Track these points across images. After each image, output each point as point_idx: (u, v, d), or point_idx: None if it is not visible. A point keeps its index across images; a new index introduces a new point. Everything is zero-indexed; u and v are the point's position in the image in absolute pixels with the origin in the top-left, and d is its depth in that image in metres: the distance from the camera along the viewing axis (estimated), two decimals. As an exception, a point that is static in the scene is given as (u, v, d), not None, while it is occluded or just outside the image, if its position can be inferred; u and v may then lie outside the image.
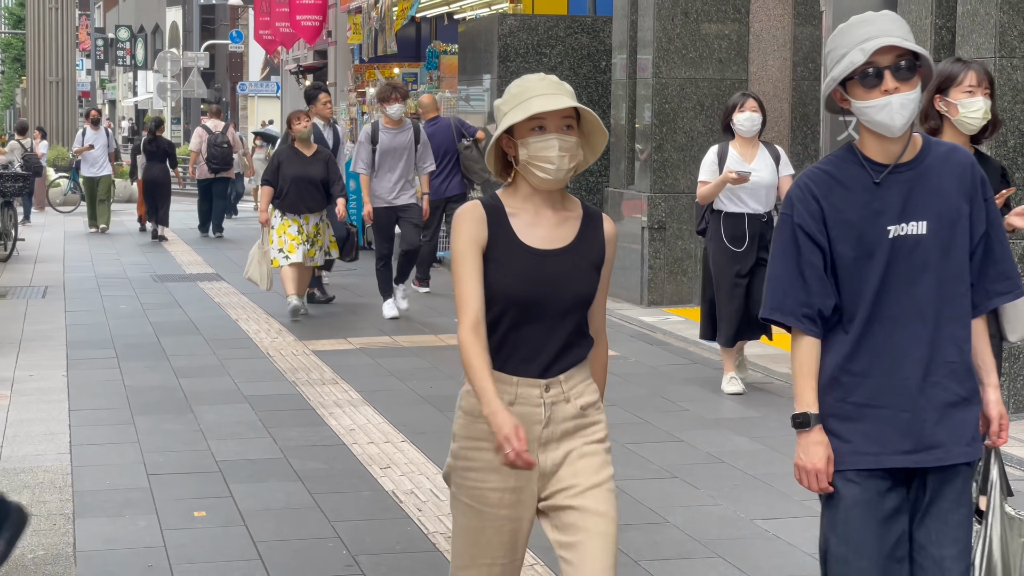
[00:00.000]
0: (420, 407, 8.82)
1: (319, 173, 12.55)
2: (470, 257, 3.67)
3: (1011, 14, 8.22)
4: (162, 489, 6.87)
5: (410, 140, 12.41)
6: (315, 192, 12.55)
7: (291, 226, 12.52)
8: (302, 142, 12.65)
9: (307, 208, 12.53)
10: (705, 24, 12.98)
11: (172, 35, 65.00)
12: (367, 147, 12.33)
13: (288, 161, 12.54)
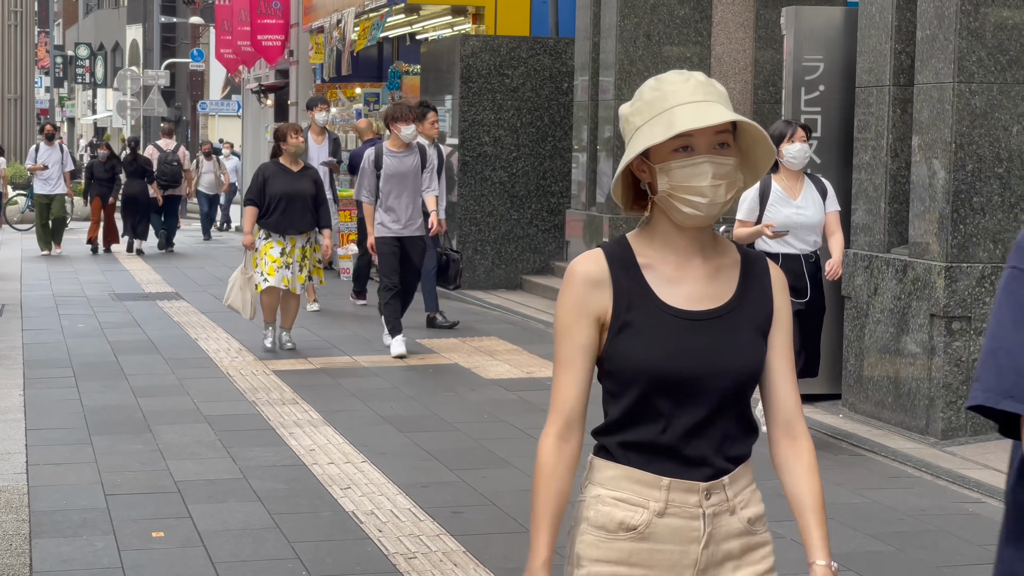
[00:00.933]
0: (381, 428, 8.79)
1: (308, 190, 11.66)
2: (575, 333, 2.83)
3: (970, 40, 8.29)
4: (120, 509, 6.82)
5: (417, 164, 11.56)
6: (304, 211, 11.62)
7: (274, 247, 11.59)
8: (289, 158, 11.75)
9: (295, 229, 11.60)
10: (667, 47, 13.03)
11: (132, 53, 64.76)
12: (371, 172, 11.43)
13: (274, 178, 11.61)
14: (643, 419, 2.82)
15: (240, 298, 11.60)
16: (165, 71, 49.54)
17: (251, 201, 11.64)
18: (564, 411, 2.88)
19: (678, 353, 2.77)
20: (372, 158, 11.44)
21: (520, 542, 6.30)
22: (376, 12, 19.91)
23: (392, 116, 11.46)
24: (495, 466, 7.77)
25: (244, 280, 11.62)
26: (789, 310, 2.90)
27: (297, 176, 11.68)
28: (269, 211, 11.54)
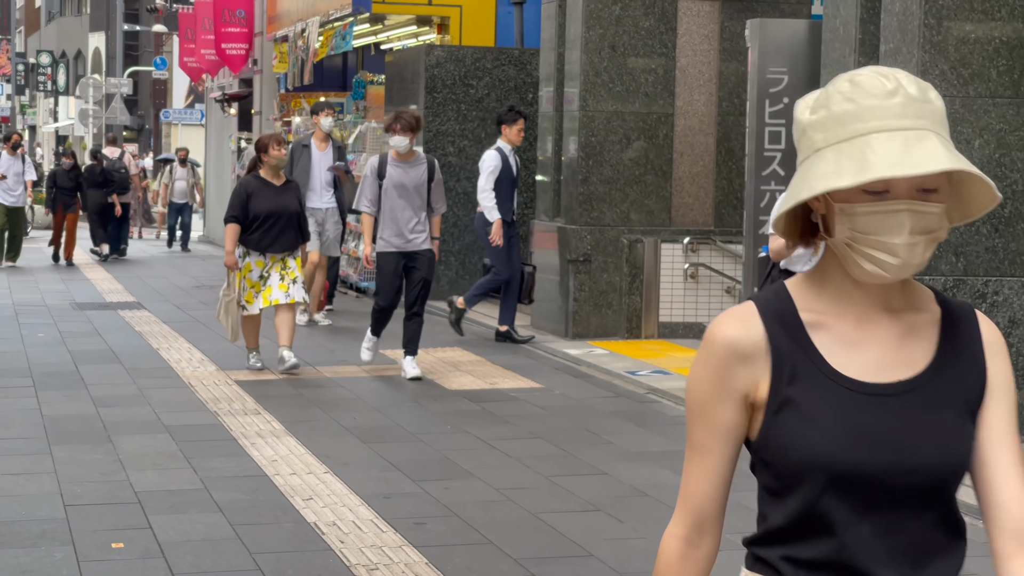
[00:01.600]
0: (343, 438, 8.76)
1: (293, 206, 11.04)
2: (713, 414, 2.19)
3: (932, 53, 8.33)
4: (79, 520, 6.76)
5: (423, 176, 10.79)
6: (288, 228, 10.99)
7: (253, 270, 10.99)
8: (271, 171, 11.05)
9: (279, 247, 10.96)
10: (632, 58, 13.05)
11: (95, 61, 64.47)
12: (372, 182, 10.78)
13: (258, 194, 10.90)
14: (815, 527, 2.14)
15: (225, 319, 11.12)
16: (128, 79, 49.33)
17: (233, 218, 10.91)
18: (695, 508, 2.25)
19: (858, 441, 2.10)
20: (375, 166, 10.83)
21: (483, 553, 6.28)
22: (340, 21, 19.87)
23: (387, 125, 10.96)
24: (458, 477, 7.74)
25: (225, 302, 11.06)
26: (1010, 380, 2.23)
27: (281, 191, 11.06)
28: (251, 228, 10.91)
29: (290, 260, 11.05)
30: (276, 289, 10.92)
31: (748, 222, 9.62)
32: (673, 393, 10.26)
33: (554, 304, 13.39)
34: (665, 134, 13.12)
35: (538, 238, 13.91)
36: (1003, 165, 8.46)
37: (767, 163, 9.47)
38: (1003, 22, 8.43)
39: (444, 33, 19.07)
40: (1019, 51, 8.45)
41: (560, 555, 6.29)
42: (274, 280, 10.95)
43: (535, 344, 12.77)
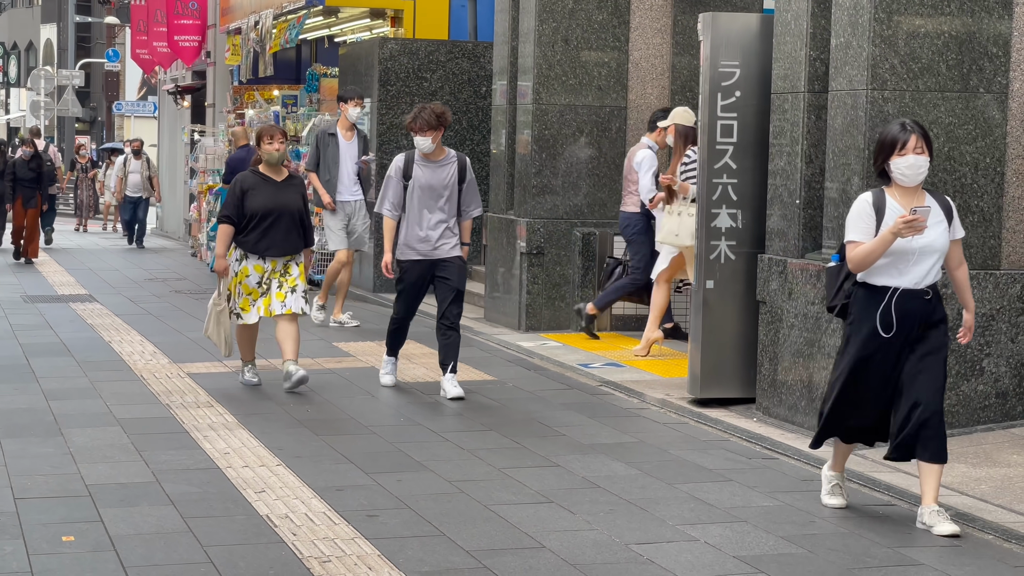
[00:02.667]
0: (296, 430, 8.75)
1: (295, 204, 9.98)
2: None
3: (883, 47, 8.39)
4: (29, 514, 6.73)
5: (453, 176, 9.90)
6: (290, 229, 9.93)
7: (251, 275, 9.91)
8: (270, 166, 10.04)
9: (279, 250, 9.90)
10: (585, 52, 13.08)
11: (47, 52, 63.98)
12: (397, 182, 9.90)
13: (255, 190, 9.88)
14: None
15: (216, 331, 10.03)
16: (80, 71, 49.03)
17: (226, 218, 9.88)
18: None
19: None
20: (400, 166, 9.89)
21: (435, 545, 6.30)
22: (294, 14, 19.82)
23: (408, 123, 9.89)
24: (411, 469, 7.75)
25: (216, 312, 10.00)
26: None
27: (282, 188, 9.99)
28: (248, 228, 9.86)
29: (292, 266, 9.97)
30: (274, 299, 9.89)
31: (700, 215, 9.66)
32: (625, 385, 10.30)
33: (507, 297, 13.41)
34: (618, 127, 13.15)
35: (492, 231, 13.92)
36: (952, 159, 8.53)
37: (719, 156, 9.50)
38: (952, 16, 8.50)
39: (398, 26, 19.05)
40: (968, 45, 8.53)
41: (512, 547, 6.31)
42: (273, 288, 9.92)
43: (488, 337, 12.78)
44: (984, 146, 8.58)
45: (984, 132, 8.57)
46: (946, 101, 8.50)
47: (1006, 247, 8.67)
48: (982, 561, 6.25)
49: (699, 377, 9.65)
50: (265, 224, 9.85)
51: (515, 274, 13.25)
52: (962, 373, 8.54)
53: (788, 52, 9.15)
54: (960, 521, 6.78)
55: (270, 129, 10.10)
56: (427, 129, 9.73)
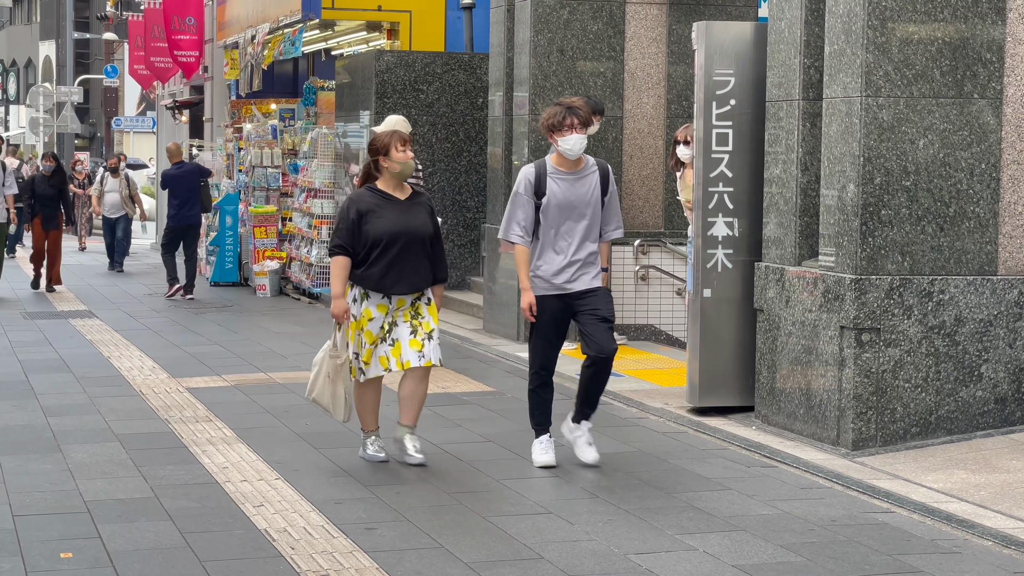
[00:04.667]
0: (295, 444, 8.74)
1: (424, 228, 8.07)
2: None
3: (876, 54, 8.39)
4: (28, 530, 6.72)
5: (595, 189, 8.00)
6: (419, 259, 8.02)
7: (374, 318, 7.99)
8: (392, 180, 8.06)
9: (408, 285, 7.97)
10: (581, 62, 13.09)
11: (45, 69, 64.06)
12: (527, 202, 7.96)
13: (377, 212, 7.97)
14: None
15: (329, 392, 8.06)
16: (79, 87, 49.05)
17: (340, 248, 7.95)
18: None
19: None
20: (531, 179, 7.97)
21: (433, 557, 6.29)
22: (290, 27, 19.84)
23: (550, 123, 7.95)
24: (409, 482, 7.75)
25: (334, 367, 8.02)
26: None
27: (408, 207, 8.07)
28: (368, 260, 7.95)
29: (423, 306, 8.07)
30: (406, 347, 7.98)
31: (697, 224, 9.66)
32: (624, 395, 10.29)
33: (506, 308, 13.41)
34: (614, 137, 13.16)
35: (489, 242, 13.92)
36: (947, 165, 8.53)
37: (715, 165, 9.51)
38: (946, 22, 8.50)
39: (394, 39, 19.08)
40: (962, 51, 8.53)
41: (511, 558, 6.30)
42: (403, 333, 8.01)
43: (487, 348, 12.78)
44: (979, 152, 8.58)
45: (979, 138, 8.58)
46: (940, 107, 8.51)
47: (1003, 253, 8.67)
48: (981, 567, 6.24)
49: (697, 386, 9.64)
50: (391, 254, 7.91)
51: (513, 285, 13.25)
52: (960, 379, 8.54)
53: (782, 60, 9.16)
54: (959, 527, 6.77)
55: (398, 134, 8.06)
56: (585, 126, 7.92)
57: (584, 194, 7.96)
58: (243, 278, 19.62)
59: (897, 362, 8.43)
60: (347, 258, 7.93)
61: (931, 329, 8.49)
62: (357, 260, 7.96)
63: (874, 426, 8.39)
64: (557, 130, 7.88)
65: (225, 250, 19.72)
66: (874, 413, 8.38)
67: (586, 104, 8.13)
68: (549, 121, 7.91)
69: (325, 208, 17.43)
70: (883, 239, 8.44)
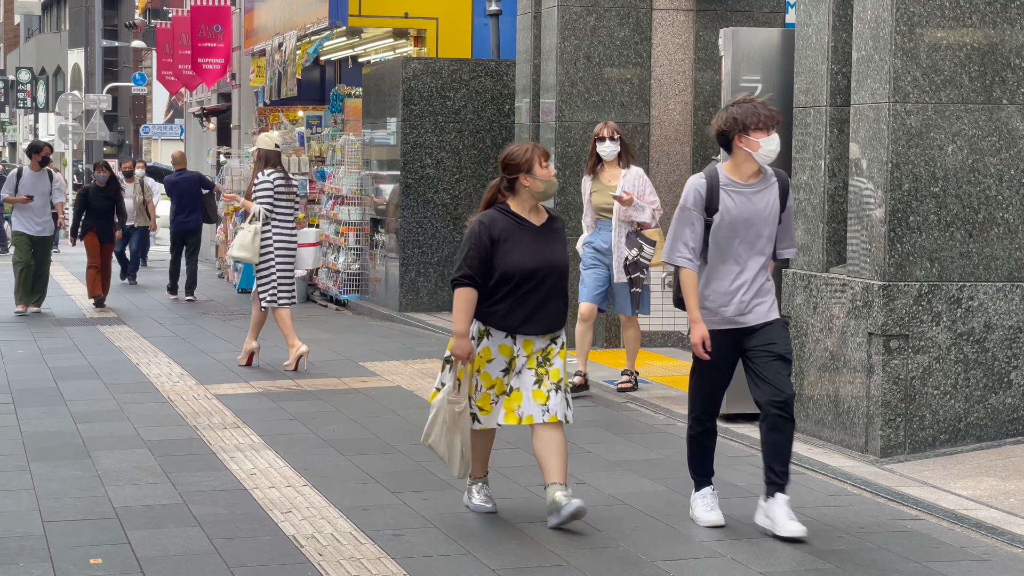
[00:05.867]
0: (322, 451, 8.76)
1: (564, 260, 7.00)
2: None
3: (904, 60, 8.37)
4: (57, 536, 6.75)
5: (775, 203, 6.82)
6: (557, 293, 6.95)
7: (495, 359, 6.94)
8: (527, 202, 6.94)
9: (542, 325, 6.91)
10: (607, 68, 13.10)
11: (74, 77, 64.41)
12: (697, 218, 6.76)
13: (511, 239, 6.87)
14: None
15: (445, 442, 7.05)
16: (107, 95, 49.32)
17: (467, 279, 6.85)
18: None
19: None
20: (702, 192, 6.75)
21: (461, 564, 6.29)
22: (317, 35, 19.90)
23: (744, 124, 6.72)
24: (437, 488, 7.75)
25: (453, 413, 6.97)
26: None
27: (544, 236, 6.97)
28: (498, 295, 6.89)
29: (554, 350, 6.98)
30: (529, 399, 6.90)
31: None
32: (651, 402, 10.28)
33: (533, 314, 13.38)
34: (641, 143, 13.16)
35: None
36: (976, 171, 8.50)
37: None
38: (974, 28, 8.48)
39: (421, 46, 19.11)
40: (990, 57, 8.51)
41: (539, 565, 6.30)
42: (526, 382, 6.92)
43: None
44: (1008, 157, 8.55)
45: (1008, 143, 8.54)
46: (969, 113, 8.48)
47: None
48: (1011, 575, 6.21)
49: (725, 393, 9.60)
50: (524, 289, 6.86)
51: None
52: (990, 386, 8.50)
53: (810, 66, 9.14)
54: (989, 534, 6.74)
55: (540, 148, 6.98)
56: (772, 126, 6.78)
57: (762, 209, 6.76)
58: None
59: (926, 369, 8.40)
60: (474, 291, 6.84)
61: (960, 336, 8.46)
62: (485, 292, 6.88)
63: (903, 433, 8.36)
64: (750, 130, 6.70)
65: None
66: (903, 420, 8.35)
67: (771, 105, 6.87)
68: (742, 120, 6.69)
69: (352, 215, 17.47)
70: (911, 245, 8.41)
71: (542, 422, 6.86)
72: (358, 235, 17.46)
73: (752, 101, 6.79)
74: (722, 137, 6.80)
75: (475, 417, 7.00)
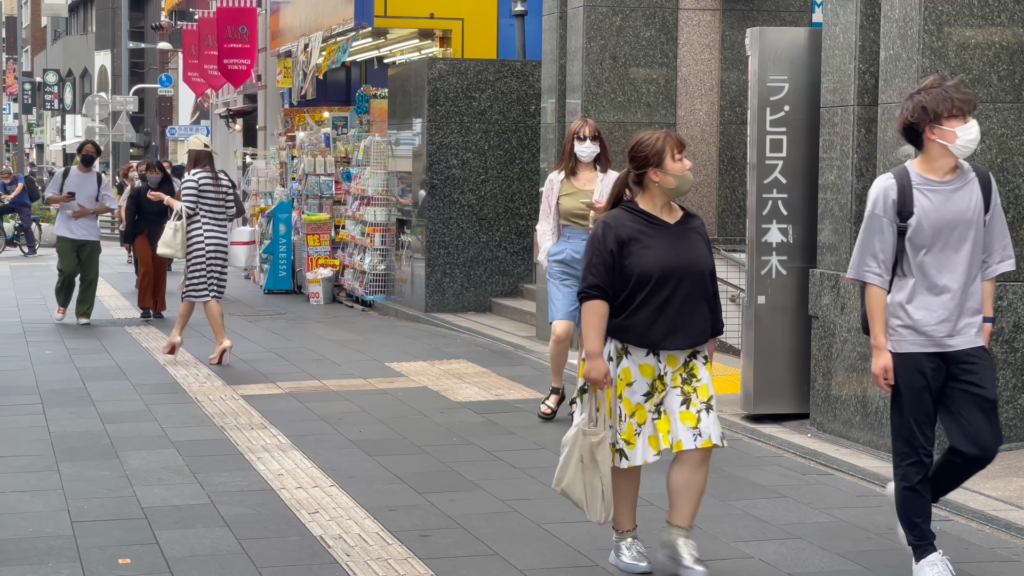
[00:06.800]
0: (349, 451, 8.77)
1: (706, 261, 6.09)
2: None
3: (932, 59, 8.34)
4: (86, 536, 6.78)
5: (976, 202, 5.86)
6: (702, 302, 6.06)
7: (635, 382, 6.03)
8: (659, 198, 6.05)
9: (688, 339, 6.04)
10: (633, 68, 13.08)
11: (101, 79, 64.65)
12: (887, 227, 5.86)
13: (643, 240, 5.98)
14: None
15: (582, 482, 6.05)
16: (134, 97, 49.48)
17: (595, 290, 5.98)
18: None
19: None
20: (892, 195, 5.85)
21: (488, 565, 6.29)
22: (343, 36, 19.93)
23: (935, 112, 5.73)
24: (464, 489, 7.75)
25: (590, 447, 5.99)
26: None
27: (680, 235, 6.07)
28: (633, 306, 5.98)
29: (699, 366, 6.14)
30: (677, 421, 6.05)
31: (751, 230, 9.63)
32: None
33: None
34: (668, 144, 13.12)
35: (543, 249, 13.92)
36: (1005, 170, 8.46)
37: (769, 171, 9.47)
38: (1003, 27, 8.44)
39: (446, 46, 19.14)
40: (1019, 56, 8.46)
41: (566, 565, 6.29)
42: (672, 403, 6.07)
43: (540, 355, 12.77)
44: (1037, 157, 8.50)
45: (1037, 142, 8.50)
46: (998, 112, 8.44)
47: (1061, 258, 8.57)
48: (1041, 576, 6.18)
49: (752, 393, 9.60)
50: (661, 296, 5.97)
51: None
52: (1019, 386, 8.46)
53: (837, 65, 9.11)
54: (1019, 535, 6.71)
55: (673, 137, 6.11)
56: (968, 111, 5.79)
57: (964, 210, 5.83)
58: (296, 286, 19.70)
59: (954, 369, 8.35)
60: (605, 303, 5.98)
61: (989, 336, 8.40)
62: (615, 305, 6.02)
63: (931, 433, 8.31)
64: (943, 118, 5.74)
65: (279, 258, 19.82)
66: (931, 420, 8.30)
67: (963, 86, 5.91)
68: (932, 108, 5.73)
69: (378, 216, 17.48)
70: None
71: (693, 447, 6.00)
72: (384, 236, 17.49)
73: (942, 85, 5.82)
74: (910, 131, 5.84)
75: (621, 453, 6.04)
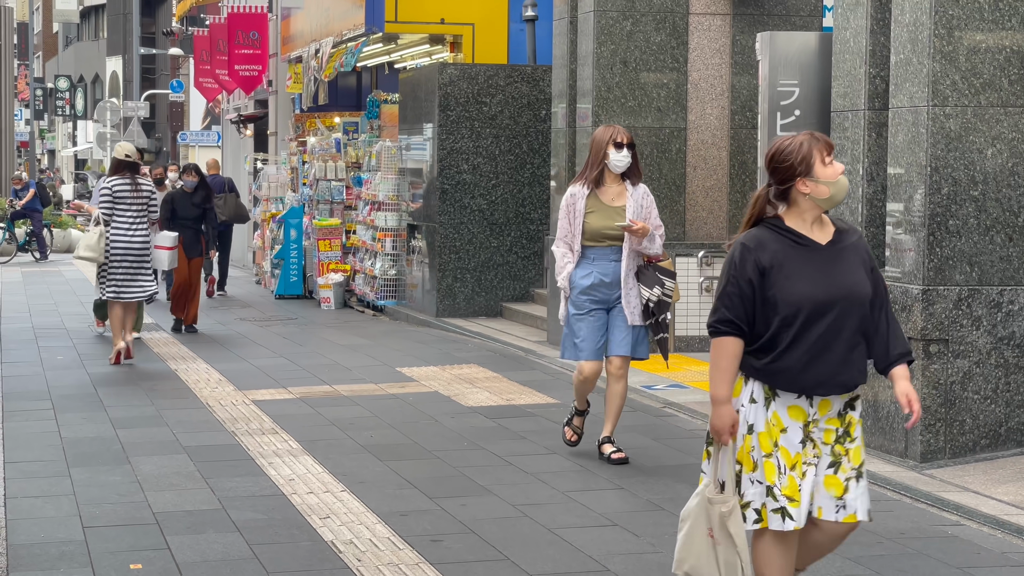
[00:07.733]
0: (360, 456, 8.77)
1: (864, 289, 5.02)
2: None
3: (943, 63, 8.33)
4: (98, 542, 6.79)
5: None
6: (858, 338, 5.02)
7: (787, 429, 4.97)
8: (810, 212, 4.99)
9: (846, 382, 4.99)
10: (644, 73, 13.08)
11: (112, 85, 64.76)
12: None
13: (789, 266, 4.96)
14: None
15: (714, 562, 5.03)
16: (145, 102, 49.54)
17: (729, 325, 4.98)
18: None
19: None
20: None
21: (500, 570, 6.29)
22: (354, 41, 19.95)
23: None
24: (475, 494, 7.75)
25: (719, 516, 5.00)
26: None
27: (835, 257, 5.02)
28: (778, 344, 4.95)
29: (855, 420, 5.07)
30: (821, 488, 5.01)
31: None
32: (689, 407, 10.26)
33: (570, 320, 13.38)
34: (678, 148, 13.14)
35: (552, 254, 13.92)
36: (1016, 174, 8.45)
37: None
38: (1014, 31, 8.43)
39: (457, 51, 19.13)
40: (1030, 60, 8.45)
41: (577, 570, 6.29)
42: (821, 462, 5.02)
43: (551, 360, 12.78)
44: (1048, 161, 8.49)
45: (1048, 147, 8.48)
46: (1009, 116, 8.43)
47: (1073, 262, 8.56)
48: (1053, 581, 6.17)
49: (763, 398, 9.58)
50: (815, 332, 4.94)
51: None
52: (1030, 390, 8.45)
53: (847, 70, 9.11)
54: (1030, 540, 6.70)
55: (822, 140, 5.00)
56: None
57: None
58: (307, 291, 19.73)
59: (966, 373, 8.35)
60: (739, 341, 4.97)
61: (1000, 340, 8.41)
62: (756, 341, 4.99)
63: (943, 438, 8.31)
64: None
65: (290, 263, 19.84)
66: (943, 425, 8.31)
67: None
68: None
69: (389, 221, 17.50)
70: (951, 249, 8.36)
71: (834, 520, 5.03)
72: (395, 240, 17.50)
73: None
74: None
75: (784, 513, 4.95)
